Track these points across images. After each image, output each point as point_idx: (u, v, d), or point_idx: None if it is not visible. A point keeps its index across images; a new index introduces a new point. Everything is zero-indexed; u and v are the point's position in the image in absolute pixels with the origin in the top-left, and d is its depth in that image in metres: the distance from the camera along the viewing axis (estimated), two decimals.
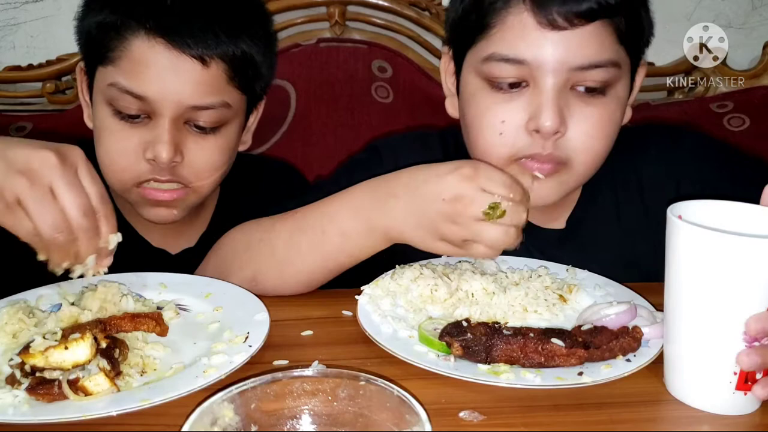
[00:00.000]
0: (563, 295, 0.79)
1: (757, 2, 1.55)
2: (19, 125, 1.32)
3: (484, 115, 0.84)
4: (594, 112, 0.82)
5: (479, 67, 0.84)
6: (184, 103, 0.88)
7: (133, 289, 0.78)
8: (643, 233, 0.93)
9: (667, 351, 0.65)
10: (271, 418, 0.46)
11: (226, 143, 0.94)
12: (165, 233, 1.03)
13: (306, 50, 1.38)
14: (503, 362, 0.65)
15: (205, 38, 0.87)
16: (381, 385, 0.45)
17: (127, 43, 0.87)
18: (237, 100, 0.93)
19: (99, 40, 0.89)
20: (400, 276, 0.80)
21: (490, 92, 0.84)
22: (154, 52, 0.87)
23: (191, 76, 0.88)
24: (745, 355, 0.57)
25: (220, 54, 0.89)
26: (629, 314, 0.72)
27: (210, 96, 0.89)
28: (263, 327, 0.70)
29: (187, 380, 0.61)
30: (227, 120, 0.93)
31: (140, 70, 0.87)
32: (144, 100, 0.87)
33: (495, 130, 0.83)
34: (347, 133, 1.38)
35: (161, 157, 0.87)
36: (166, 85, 0.87)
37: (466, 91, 0.88)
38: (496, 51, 0.82)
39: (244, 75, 0.92)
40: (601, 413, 0.60)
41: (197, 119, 0.90)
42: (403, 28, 1.42)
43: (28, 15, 1.40)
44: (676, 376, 0.63)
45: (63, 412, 0.56)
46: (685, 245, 0.60)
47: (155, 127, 0.88)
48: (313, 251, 0.81)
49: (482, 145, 0.86)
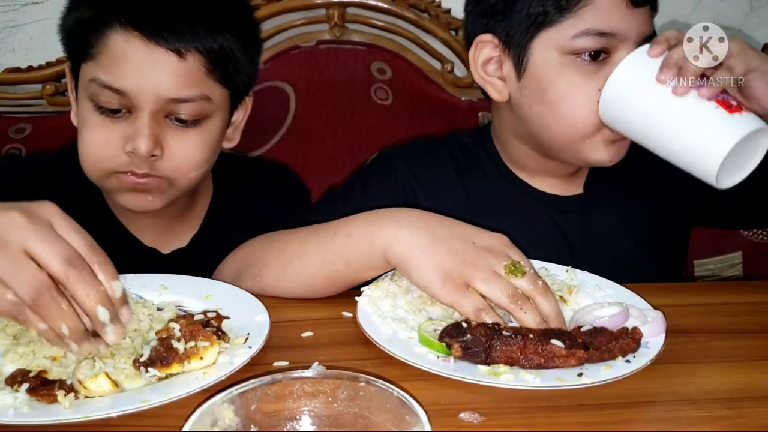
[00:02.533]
0: (563, 296, 0.79)
1: (755, 4, 1.55)
2: (19, 127, 1.32)
3: (583, 86, 0.89)
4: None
5: (567, 45, 0.88)
6: (162, 95, 0.88)
7: (133, 290, 0.78)
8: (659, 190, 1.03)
9: (682, 158, 0.81)
10: (272, 419, 0.46)
11: (207, 138, 0.94)
12: (157, 232, 1.03)
13: (305, 52, 1.38)
14: (503, 363, 0.65)
15: (181, 31, 0.88)
16: (381, 386, 0.45)
17: (105, 38, 0.88)
18: (218, 93, 0.93)
19: (79, 37, 0.91)
20: (399, 277, 0.80)
21: (579, 65, 0.89)
22: (130, 46, 0.87)
23: (168, 69, 0.88)
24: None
25: (196, 47, 0.89)
26: (622, 316, 0.72)
27: (188, 88, 0.89)
28: (263, 328, 0.70)
29: (187, 381, 0.61)
30: (208, 114, 0.93)
31: (118, 64, 0.88)
32: (123, 94, 0.88)
33: (594, 99, 0.88)
34: (347, 135, 1.38)
35: (140, 149, 0.87)
36: (144, 79, 0.87)
37: (546, 69, 0.91)
38: (592, 27, 0.87)
39: (224, 68, 0.93)
40: (601, 414, 0.60)
41: (178, 112, 0.90)
42: (403, 30, 1.42)
43: (27, 17, 1.40)
44: (696, 153, 0.79)
45: (63, 413, 0.56)
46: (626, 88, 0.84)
47: (135, 120, 0.89)
48: (317, 251, 0.81)
49: (575, 116, 0.90)
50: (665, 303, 0.77)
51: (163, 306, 0.77)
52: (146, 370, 0.61)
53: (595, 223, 1.00)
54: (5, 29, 1.41)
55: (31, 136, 1.31)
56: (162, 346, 0.63)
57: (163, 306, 0.77)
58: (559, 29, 0.89)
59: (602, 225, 1.00)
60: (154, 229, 1.03)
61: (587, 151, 0.92)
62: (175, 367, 0.62)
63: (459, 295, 0.71)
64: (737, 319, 0.81)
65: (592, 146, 0.92)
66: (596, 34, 0.87)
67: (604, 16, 0.87)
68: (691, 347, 0.73)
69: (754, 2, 1.55)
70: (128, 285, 0.78)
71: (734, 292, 0.94)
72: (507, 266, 0.72)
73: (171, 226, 1.04)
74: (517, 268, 0.71)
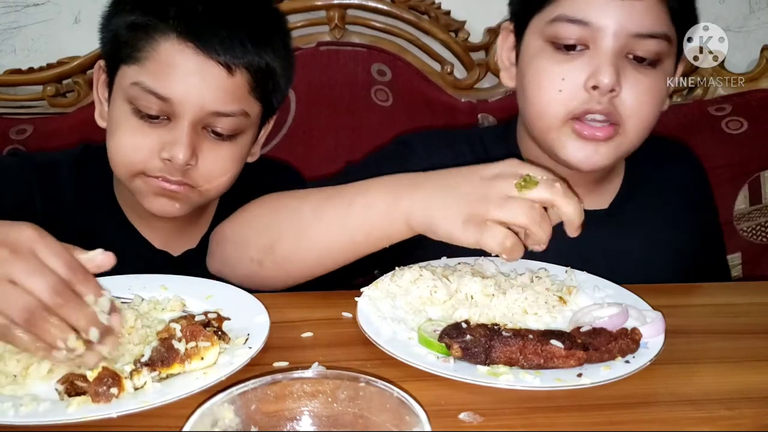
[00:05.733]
0: (562, 297, 0.79)
1: (755, 5, 1.56)
2: (20, 128, 1.33)
3: (546, 73, 0.90)
4: (645, 80, 0.88)
5: (544, 29, 0.90)
6: (206, 108, 0.89)
7: (133, 291, 0.78)
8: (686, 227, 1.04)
9: None
10: (272, 419, 0.46)
11: (239, 152, 0.96)
12: (168, 235, 1.03)
13: (306, 54, 1.38)
14: (502, 364, 0.65)
15: (232, 46, 0.89)
16: (381, 386, 0.45)
17: (156, 45, 0.89)
18: (255, 110, 0.95)
19: (127, 40, 0.91)
20: (399, 278, 0.80)
21: (552, 53, 0.89)
22: (182, 55, 0.88)
23: (216, 83, 0.89)
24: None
25: (245, 63, 0.91)
26: (621, 317, 0.72)
27: (232, 104, 0.91)
28: (263, 329, 0.70)
29: (188, 381, 0.61)
30: (244, 129, 0.95)
31: (167, 71, 0.88)
32: (167, 101, 0.88)
33: (555, 87, 0.88)
34: (347, 136, 1.38)
35: (178, 158, 0.88)
36: (191, 89, 0.88)
37: (527, 54, 0.93)
38: (563, 12, 0.87)
39: (265, 86, 0.94)
40: (601, 414, 0.60)
41: (215, 125, 0.91)
42: (403, 31, 1.43)
43: (29, 18, 1.40)
44: None
45: (63, 414, 0.57)
46: None
47: (174, 128, 0.89)
48: (335, 221, 0.80)
49: (541, 103, 0.90)
50: (664, 303, 0.77)
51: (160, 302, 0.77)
52: (151, 370, 0.62)
53: (615, 242, 0.99)
54: (6, 31, 1.41)
55: (31, 138, 1.32)
56: (163, 347, 0.63)
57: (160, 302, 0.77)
58: (542, 15, 0.90)
59: (622, 245, 0.99)
60: (166, 232, 1.03)
61: (557, 146, 0.91)
62: (176, 367, 0.62)
63: (480, 234, 0.69)
64: (737, 319, 0.81)
65: (561, 141, 0.90)
66: (569, 21, 0.87)
67: (581, 4, 0.87)
68: (690, 348, 0.73)
69: (754, 4, 1.55)
70: (129, 285, 0.79)
71: (734, 293, 0.94)
72: (517, 184, 0.70)
73: (182, 228, 1.04)
74: (529, 181, 0.70)
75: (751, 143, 1.41)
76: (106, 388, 0.58)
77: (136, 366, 0.61)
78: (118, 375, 0.59)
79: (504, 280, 0.81)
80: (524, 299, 0.77)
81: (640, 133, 0.91)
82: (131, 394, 0.59)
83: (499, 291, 0.78)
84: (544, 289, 0.79)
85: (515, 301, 0.76)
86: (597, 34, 0.86)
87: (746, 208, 1.41)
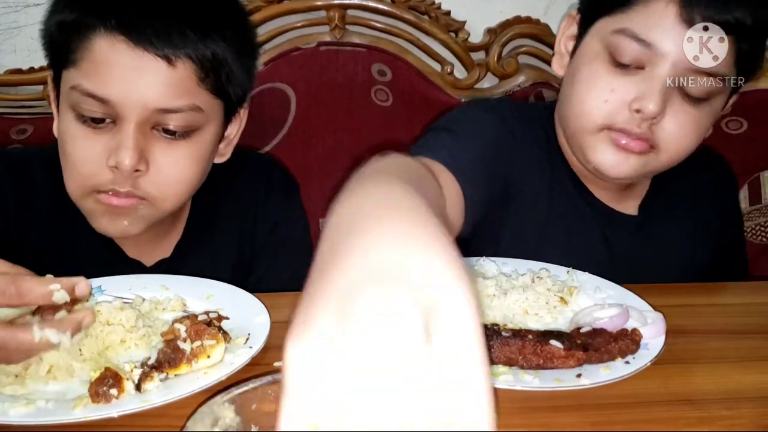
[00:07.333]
0: (564, 297, 0.79)
1: None
2: (20, 128, 1.33)
3: (599, 80, 0.89)
4: (690, 112, 0.88)
5: (607, 36, 0.89)
6: (150, 105, 0.81)
7: (134, 291, 0.78)
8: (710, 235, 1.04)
9: None
10: (272, 418, 0.46)
11: (197, 152, 0.87)
12: (140, 244, 0.97)
13: (306, 54, 1.38)
14: (502, 364, 0.65)
15: (170, 36, 0.81)
16: None
17: (89, 43, 0.81)
18: (210, 104, 0.87)
19: (60, 42, 0.84)
20: None
21: (607, 61, 0.89)
22: (115, 51, 0.80)
23: (157, 77, 0.81)
24: None
25: (187, 54, 0.82)
26: (622, 317, 0.72)
27: (178, 98, 0.83)
28: (264, 328, 0.70)
29: (188, 381, 0.61)
30: (199, 125, 0.86)
31: (102, 70, 0.81)
32: (107, 103, 0.81)
33: (602, 97, 0.88)
34: (347, 136, 1.38)
35: (123, 163, 0.80)
36: (130, 87, 0.80)
37: (584, 53, 0.92)
38: (630, 27, 0.86)
39: (216, 78, 0.86)
40: (600, 414, 0.60)
41: (166, 123, 0.83)
42: (403, 32, 1.43)
43: (29, 18, 1.40)
44: None
45: (64, 413, 0.57)
46: None
47: (119, 132, 0.82)
48: None
49: (584, 106, 0.90)
50: (665, 304, 0.78)
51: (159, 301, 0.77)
52: (159, 372, 0.62)
53: (644, 249, 0.99)
54: (7, 30, 1.41)
55: (32, 137, 1.31)
56: (168, 348, 0.63)
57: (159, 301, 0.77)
58: (609, 21, 0.89)
59: (651, 252, 1.00)
60: (138, 241, 0.96)
61: (589, 150, 0.92)
62: (183, 367, 0.62)
63: None
64: (737, 319, 0.81)
65: (594, 145, 0.91)
66: (632, 38, 0.86)
67: (648, 23, 0.85)
68: (690, 348, 0.73)
69: None
70: (130, 286, 0.79)
71: (734, 293, 0.94)
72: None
73: (154, 237, 0.97)
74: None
75: (751, 143, 1.41)
76: (107, 389, 0.58)
77: (143, 369, 0.61)
78: (119, 375, 0.59)
79: (505, 281, 0.81)
80: (525, 299, 0.77)
81: (673, 160, 0.92)
82: (132, 394, 0.60)
83: (500, 291, 0.78)
84: (545, 289, 0.79)
85: (516, 301, 0.76)
86: (656, 58, 0.85)
87: (746, 208, 1.42)
